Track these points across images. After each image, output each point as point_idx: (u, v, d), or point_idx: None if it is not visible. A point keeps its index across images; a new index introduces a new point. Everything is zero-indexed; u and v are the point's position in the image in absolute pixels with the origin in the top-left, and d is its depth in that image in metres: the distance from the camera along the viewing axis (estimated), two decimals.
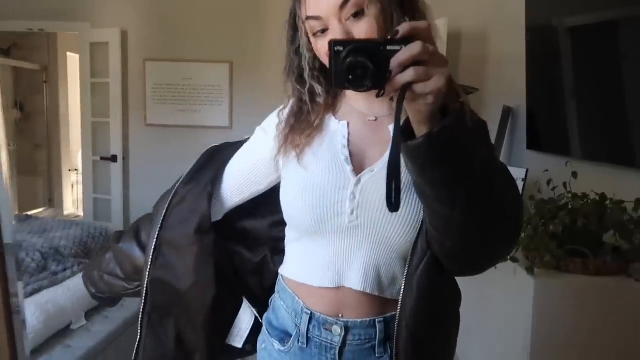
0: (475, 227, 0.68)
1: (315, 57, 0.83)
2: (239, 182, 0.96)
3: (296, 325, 0.86)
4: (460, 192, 0.64)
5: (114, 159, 4.23)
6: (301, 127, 0.86)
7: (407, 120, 0.63)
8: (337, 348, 0.81)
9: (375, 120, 0.83)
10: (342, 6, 0.73)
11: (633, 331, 1.51)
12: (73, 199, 6.07)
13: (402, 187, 0.64)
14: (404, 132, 0.63)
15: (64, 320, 2.10)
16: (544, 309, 1.53)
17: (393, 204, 0.61)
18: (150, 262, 0.94)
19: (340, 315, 0.82)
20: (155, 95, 4.24)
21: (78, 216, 5.46)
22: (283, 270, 0.92)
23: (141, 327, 0.95)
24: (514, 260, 1.64)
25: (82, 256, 2.52)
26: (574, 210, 1.64)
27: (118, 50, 4.12)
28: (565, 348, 1.53)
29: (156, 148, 4.31)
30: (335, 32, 0.74)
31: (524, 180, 2.59)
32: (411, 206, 0.76)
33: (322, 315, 0.83)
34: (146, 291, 0.94)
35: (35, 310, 1.94)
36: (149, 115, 4.26)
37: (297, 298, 0.86)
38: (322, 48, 0.77)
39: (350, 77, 0.60)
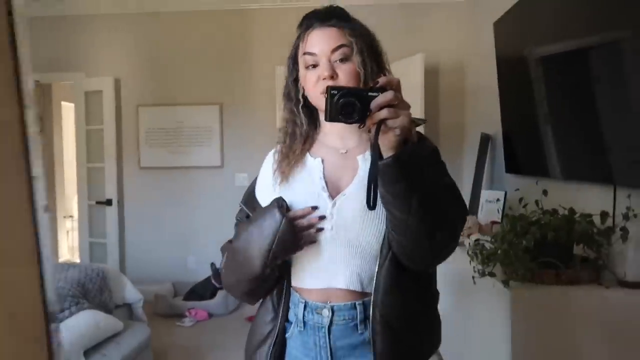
0: (424, 229, 0.89)
1: (303, 93, 1.05)
2: None
3: (295, 315, 1.05)
4: (413, 201, 0.86)
5: (109, 202, 4.32)
6: (287, 156, 1.06)
7: (379, 149, 0.86)
8: (326, 327, 1.00)
9: (346, 152, 1.05)
10: (333, 51, 0.97)
11: (605, 335, 1.59)
12: (68, 246, 6.11)
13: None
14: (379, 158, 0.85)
15: None
16: (520, 318, 1.62)
17: (371, 204, 0.85)
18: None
19: (329, 302, 1.01)
20: (148, 139, 4.38)
21: (74, 262, 5.49)
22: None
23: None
24: (492, 274, 1.73)
25: (80, 297, 2.58)
26: (544, 225, 1.74)
27: (112, 98, 4.28)
28: (543, 354, 1.61)
29: (150, 190, 4.41)
30: (323, 68, 0.97)
31: (504, 201, 2.71)
32: (376, 218, 0.97)
33: (314, 303, 1.02)
34: None
35: None
36: (143, 159, 4.39)
37: (295, 293, 1.06)
38: (309, 80, 1.00)
39: (343, 112, 0.84)
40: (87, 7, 4.31)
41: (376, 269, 0.97)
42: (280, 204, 0.98)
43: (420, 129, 1.23)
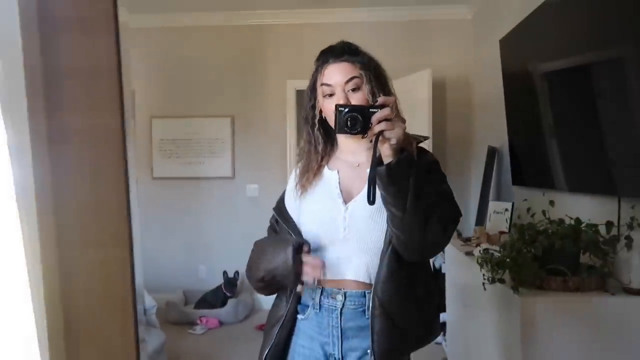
0: (417, 225, 1.06)
1: (320, 116, 1.25)
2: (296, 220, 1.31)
3: (312, 298, 1.24)
4: (408, 201, 1.03)
5: None
6: (306, 172, 1.26)
7: (380, 157, 1.04)
8: (339, 310, 1.19)
9: (358, 166, 1.25)
10: (347, 82, 1.17)
11: (610, 341, 1.65)
12: None
13: (374, 209, 1.09)
14: (378, 164, 1.04)
15: None
16: (530, 324, 1.68)
17: (371, 199, 1.03)
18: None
19: (342, 289, 1.20)
20: (161, 149, 4.48)
21: None
22: None
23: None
24: (501, 281, 1.80)
25: None
26: (552, 234, 1.81)
27: None
28: (550, 358, 1.67)
29: (163, 199, 4.50)
30: (339, 97, 1.16)
31: (512, 212, 2.78)
32: (380, 219, 1.15)
33: (330, 289, 1.21)
34: None
35: None
36: (156, 169, 4.49)
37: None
38: (327, 108, 1.20)
39: (348, 125, 1.05)
40: None
41: (379, 262, 1.14)
42: (297, 244, 1.16)
43: (426, 145, 1.39)
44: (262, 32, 4.39)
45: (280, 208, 1.33)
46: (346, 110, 1.05)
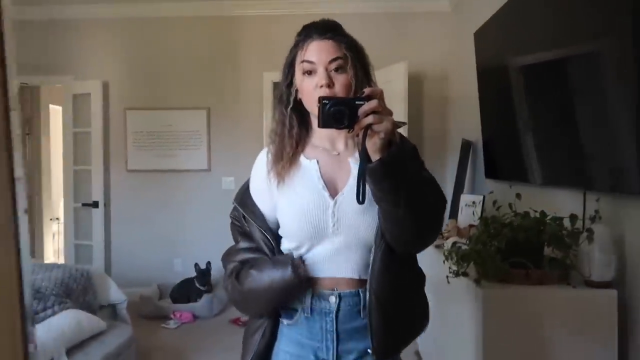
0: (413, 218, 1.01)
1: (296, 95, 1.14)
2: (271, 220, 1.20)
3: (301, 302, 1.12)
4: (402, 196, 0.97)
5: (95, 204, 4.33)
6: (280, 159, 1.13)
7: (365, 150, 0.96)
8: (334, 312, 1.10)
9: (338, 154, 1.15)
10: (331, 61, 1.07)
11: (572, 332, 1.65)
12: (54, 249, 6.08)
13: (366, 200, 1.00)
14: (367, 159, 0.96)
15: (45, 357, 2.16)
16: (491, 317, 1.67)
17: (360, 199, 0.97)
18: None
19: (335, 289, 1.11)
20: (136, 142, 4.41)
21: (59, 263, 5.47)
22: None
23: None
24: (464, 274, 1.79)
25: (63, 296, 2.60)
26: (516, 227, 1.81)
27: (100, 101, 4.31)
28: (513, 351, 1.67)
29: (137, 192, 4.44)
30: (321, 77, 1.07)
31: (482, 205, 2.78)
32: (371, 212, 1.07)
33: (322, 290, 1.11)
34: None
35: None
36: (130, 161, 4.41)
37: None
38: (305, 86, 1.09)
39: (334, 119, 0.96)
40: (77, 12, 4.34)
41: (371, 257, 1.07)
42: (295, 264, 1.08)
43: (402, 130, 1.31)
44: (237, 23, 4.33)
45: (244, 201, 1.20)
46: (331, 102, 0.96)
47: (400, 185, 0.97)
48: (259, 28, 4.30)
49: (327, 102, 0.97)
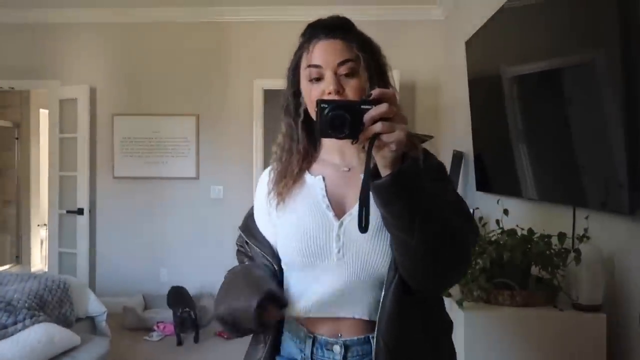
0: (429, 250, 0.81)
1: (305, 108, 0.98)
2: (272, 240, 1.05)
3: (301, 351, 0.96)
4: (416, 221, 0.78)
5: (80, 211, 4.24)
6: (284, 177, 0.99)
7: (375, 166, 0.78)
8: None
9: (349, 170, 0.99)
10: (340, 64, 0.92)
11: (558, 359, 1.57)
12: (42, 255, 5.99)
13: (376, 225, 0.85)
14: (372, 175, 0.78)
15: None
16: (473, 340, 1.59)
17: (363, 226, 0.77)
18: None
19: (339, 335, 0.93)
20: (123, 148, 4.33)
21: (35, 273, 5.38)
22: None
23: None
24: (447, 295, 1.70)
25: (37, 309, 2.51)
26: (501, 245, 1.73)
27: (87, 106, 4.24)
28: None
29: (124, 200, 4.35)
30: (329, 82, 0.91)
31: None
32: (384, 239, 0.89)
33: (324, 337, 0.93)
34: None
35: None
36: (117, 168, 4.33)
37: (300, 325, 0.97)
38: (313, 94, 0.93)
39: (332, 126, 0.77)
40: (65, 16, 4.28)
41: (382, 294, 0.89)
42: (261, 305, 0.90)
43: (427, 145, 1.10)
44: (227, 29, 4.26)
45: (248, 227, 1.07)
46: (330, 107, 0.78)
47: (415, 208, 0.77)
48: (248, 35, 4.24)
49: (326, 105, 0.78)
